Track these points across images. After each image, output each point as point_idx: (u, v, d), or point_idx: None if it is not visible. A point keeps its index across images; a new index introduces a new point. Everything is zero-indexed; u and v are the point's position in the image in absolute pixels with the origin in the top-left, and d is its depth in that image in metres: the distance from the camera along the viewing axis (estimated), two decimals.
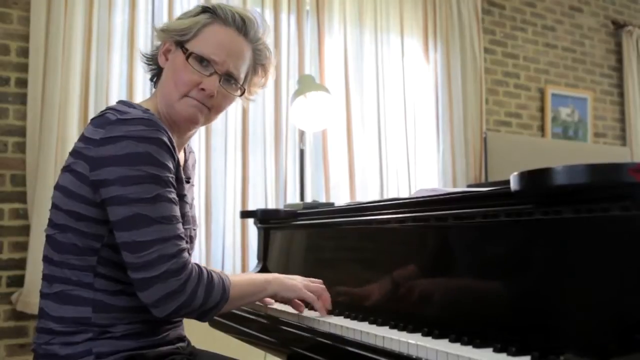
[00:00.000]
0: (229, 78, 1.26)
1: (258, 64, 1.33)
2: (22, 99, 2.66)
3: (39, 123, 2.61)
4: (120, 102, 1.21)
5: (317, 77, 3.24)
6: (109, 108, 1.17)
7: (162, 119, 1.24)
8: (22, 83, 2.67)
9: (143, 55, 1.33)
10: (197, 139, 2.96)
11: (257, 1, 3.19)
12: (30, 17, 2.66)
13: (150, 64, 1.33)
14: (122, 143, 1.09)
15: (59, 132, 2.60)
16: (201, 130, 2.97)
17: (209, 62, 1.23)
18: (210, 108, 1.26)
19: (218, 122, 3.04)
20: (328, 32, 3.40)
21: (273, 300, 1.45)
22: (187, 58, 1.22)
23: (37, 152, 2.58)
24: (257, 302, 1.46)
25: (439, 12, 3.78)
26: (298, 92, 2.53)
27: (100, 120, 1.14)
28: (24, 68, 2.66)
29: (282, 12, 3.26)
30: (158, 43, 1.30)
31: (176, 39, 1.24)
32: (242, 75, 1.29)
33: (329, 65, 3.38)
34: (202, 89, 1.22)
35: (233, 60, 1.25)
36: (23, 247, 2.61)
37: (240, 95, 1.31)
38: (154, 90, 1.34)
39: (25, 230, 2.60)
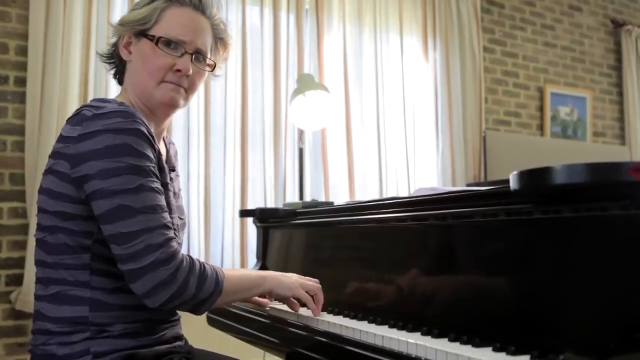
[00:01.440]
0: (199, 55, 1.28)
1: (217, 38, 1.35)
2: (21, 98, 2.66)
3: (38, 122, 2.60)
4: (95, 99, 1.22)
5: (317, 76, 3.24)
6: (84, 106, 1.18)
7: (139, 111, 1.24)
8: (21, 82, 2.66)
9: (101, 55, 1.33)
10: (196, 137, 2.96)
11: (256, 0, 3.19)
12: (30, 16, 2.66)
13: (112, 62, 1.33)
14: (100, 137, 1.09)
15: (58, 131, 2.58)
16: (200, 128, 2.97)
17: (177, 44, 1.24)
18: (187, 89, 1.28)
19: (217, 120, 3.04)
20: (327, 31, 3.40)
21: (269, 301, 1.45)
22: (156, 43, 1.23)
23: (36, 151, 2.58)
24: (254, 301, 1.46)
25: (438, 11, 3.78)
26: (297, 91, 2.53)
27: (77, 118, 1.14)
28: (23, 67, 2.66)
29: (282, 11, 3.25)
30: (113, 40, 1.30)
31: (138, 30, 1.25)
32: (209, 51, 1.32)
33: (329, 64, 3.38)
34: (178, 70, 1.24)
35: (199, 37, 1.27)
36: (22, 246, 2.60)
37: (213, 70, 1.33)
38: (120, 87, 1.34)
39: (24, 229, 2.60)
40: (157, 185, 1.14)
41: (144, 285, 1.07)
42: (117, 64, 1.32)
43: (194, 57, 1.26)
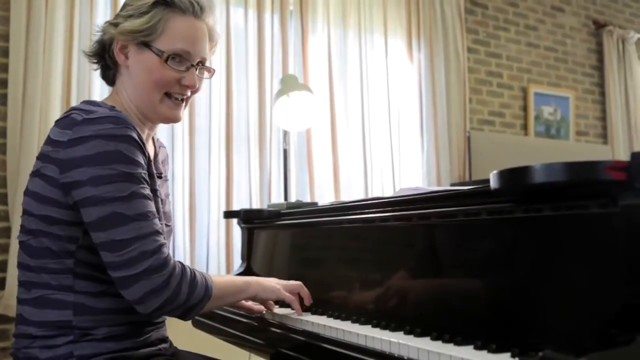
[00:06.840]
0: (201, 66, 1.28)
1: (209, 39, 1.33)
2: (2, 100, 2.63)
3: (19, 124, 2.57)
4: (84, 101, 1.20)
5: (301, 77, 3.24)
6: (73, 108, 1.15)
7: (131, 115, 1.24)
8: (2, 83, 2.63)
9: (89, 55, 1.29)
10: (180, 139, 2.95)
11: (240, 1, 3.18)
12: (10, 17, 2.62)
13: (97, 61, 1.29)
14: (91, 143, 1.07)
15: (40, 133, 2.57)
16: (184, 129, 2.96)
17: (183, 57, 1.23)
18: (188, 98, 1.29)
19: (202, 121, 3.03)
20: (312, 32, 3.40)
21: (262, 308, 1.44)
22: (165, 60, 1.21)
23: (18, 154, 2.55)
24: (242, 305, 1.46)
25: (422, 12, 3.80)
26: (281, 92, 2.53)
27: (66, 121, 1.12)
28: (4, 68, 2.63)
29: (266, 12, 3.25)
30: (98, 37, 1.27)
31: (140, 40, 1.21)
32: (207, 57, 1.31)
33: (313, 65, 3.38)
34: (185, 85, 1.24)
35: (202, 47, 1.26)
36: (4, 249, 2.57)
37: (212, 76, 1.33)
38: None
39: (6, 232, 2.57)
40: (148, 191, 1.13)
41: (136, 292, 1.07)
42: (106, 64, 1.28)
43: (197, 68, 1.26)
